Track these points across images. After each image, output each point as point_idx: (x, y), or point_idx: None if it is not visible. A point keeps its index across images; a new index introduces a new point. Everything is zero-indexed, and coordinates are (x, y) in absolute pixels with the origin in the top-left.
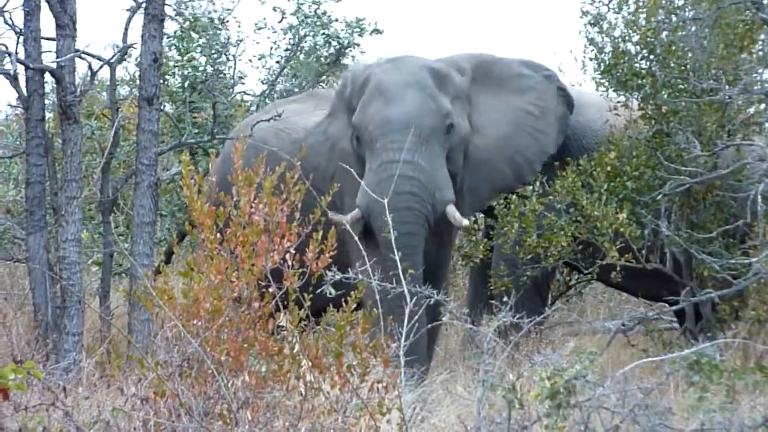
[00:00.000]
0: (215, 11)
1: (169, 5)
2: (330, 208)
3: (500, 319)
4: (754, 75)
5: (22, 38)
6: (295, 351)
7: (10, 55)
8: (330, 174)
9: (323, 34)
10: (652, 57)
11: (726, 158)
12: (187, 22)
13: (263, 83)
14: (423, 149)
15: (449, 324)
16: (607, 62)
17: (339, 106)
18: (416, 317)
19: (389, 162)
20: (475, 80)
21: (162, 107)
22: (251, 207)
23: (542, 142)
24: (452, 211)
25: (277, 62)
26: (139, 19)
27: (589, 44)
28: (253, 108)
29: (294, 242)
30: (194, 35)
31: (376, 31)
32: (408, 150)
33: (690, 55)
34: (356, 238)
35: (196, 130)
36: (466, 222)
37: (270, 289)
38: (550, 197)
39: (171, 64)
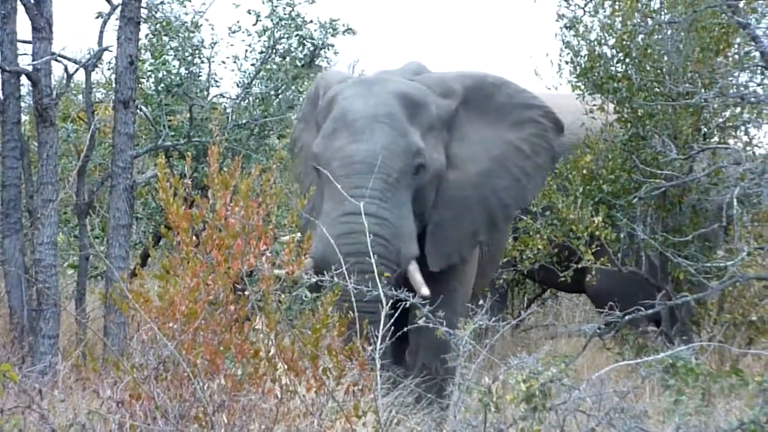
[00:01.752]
0: (187, 14)
1: (144, 8)
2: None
3: (476, 322)
4: (730, 78)
5: None
6: (270, 354)
7: None
8: (307, 179)
9: (297, 35)
10: (628, 60)
11: (701, 162)
12: (159, 25)
13: (238, 86)
14: (389, 196)
15: None
16: (583, 65)
17: (310, 113)
18: (392, 320)
19: (350, 213)
20: (467, 104)
21: (138, 110)
22: (227, 210)
23: (523, 186)
24: (413, 271)
25: (252, 65)
26: (114, 22)
27: (565, 47)
28: (229, 110)
29: (270, 245)
30: (166, 38)
31: (350, 31)
32: (371, 200)
33: (666, 58)
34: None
35: (172, 133)
36: (425, 291)
37: (246, 292)
38: None
39: (145, 67)
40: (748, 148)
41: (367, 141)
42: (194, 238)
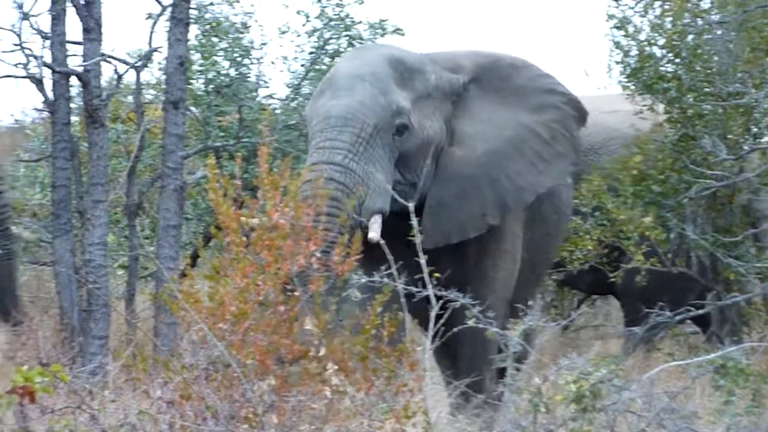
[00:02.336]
0: (236, 15)
1: (193, 9)
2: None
3: (526, 323)
4: None
5: (48, 42)
6: (320, 354)
7: (36, 58)
8: None
9: (347, 36)
10: (677, 60)
11: (752, 162)
12: (208, 26)
13: (288, 87)
14: (360, 149)
15: None
16: (633, 66)
17: None
18: (442, 321)
19: (318, 163)
20: (479, 82)
21: (187, 111)
22: (277, 210)
23: (539, 172)
24: (372, 222)
25: (302, 65)
26: (164, 23)
27: (615, 48)
28: (279, 111)
29: (320, 246)
30: (215, 39)
31: (399, 31)
32: (340, 150)
33: (716, 58)
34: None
35: (222, 134)
36: (374, 235)
37: (296, 293)
38: (576, 201)
39: (194, 68)
40: None
41: (345, 97)
42: (244, 238)
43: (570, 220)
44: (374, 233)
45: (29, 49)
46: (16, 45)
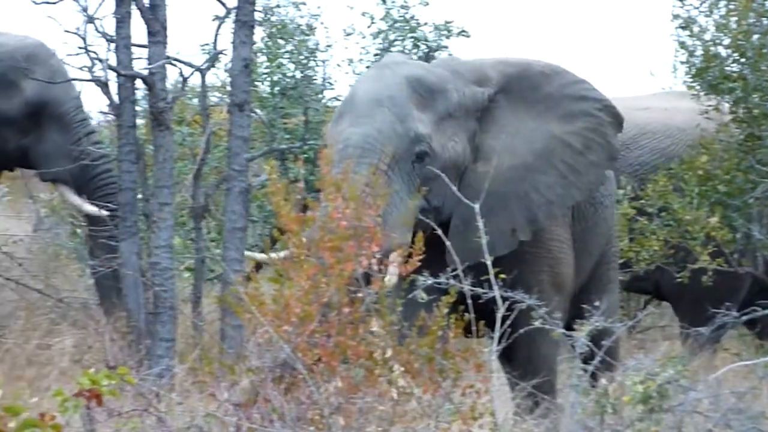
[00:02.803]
0: (302, 17)
1: (259, 11)
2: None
3: (592, 324)
4: None
5: (113, 45)
6: (386, 356)
7: (101, 62)
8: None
9: (412, 37)
10: (743, 60)
11: None
12: (274, 28)
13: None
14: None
15: None
16: (698, 66)
17: None
18: (508, 322)
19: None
20: (507, 93)
21: (253, 113)
22: (339, 212)
23: (570, 183)
24: (391, 260)
25: (367, 67)
26: (229, 25)
27: (680, 48)
28: None
29: (381, 247)
30: (281, 41)
31: (464, 33)
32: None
33: None
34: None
35: (287, 136)
36: (390, 278)
37: (359, 294)
38: (642, 201)
39: (260, 70)
40: None
41: (364, 125)
42: (305, 241)
43: (610, 210)
44: (391, 276)
45: (94, 53)
46: (81, 48)
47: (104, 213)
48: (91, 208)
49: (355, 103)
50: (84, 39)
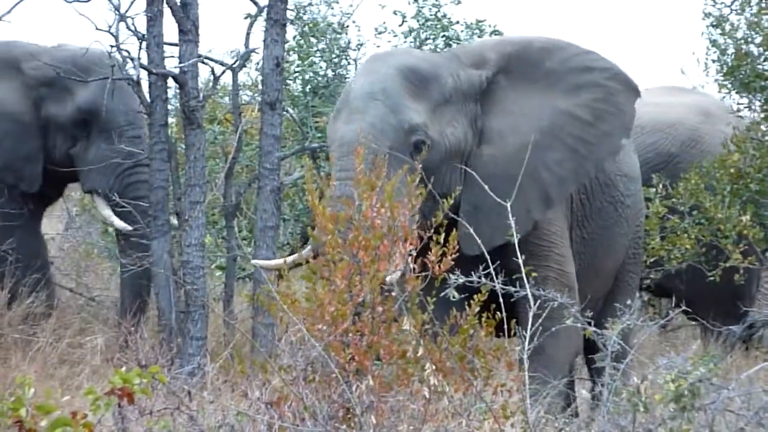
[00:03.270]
0: (334, 15)
1: (290, 9)
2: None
3: (623, 322)
4: None
5: (144, 44)
6: (418, 355)
7: (132, 60)
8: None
9: (444, 36)
10: None
11: None
12: (306, 27)
13: None
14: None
15: None
16: (730, 64)
17: None
18: (540, 321)
19: (336, 198)
20: (507, 72)
21: (284, 112)
22: (373, 211)
23: (583, 157)
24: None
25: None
26: (261, 23)
27: (712, 46)
28: None
29: (416, 246)
30: (313, 40)
31: (496, 32)
32: (350, 182)
33: None
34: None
35: (319, 135)
36: (392, 277)
37: (393, 293)
38: (673, 200)
39: (292, 68)
40: None
41: (358, 120)
42: (340, 240)
43: (635, 209)
44: (393, 275)
45: (126, 51)
46: (113, 46)
47: (129, 229)
48: (120, 224)
49: (349, 99)
50: (116, 37)
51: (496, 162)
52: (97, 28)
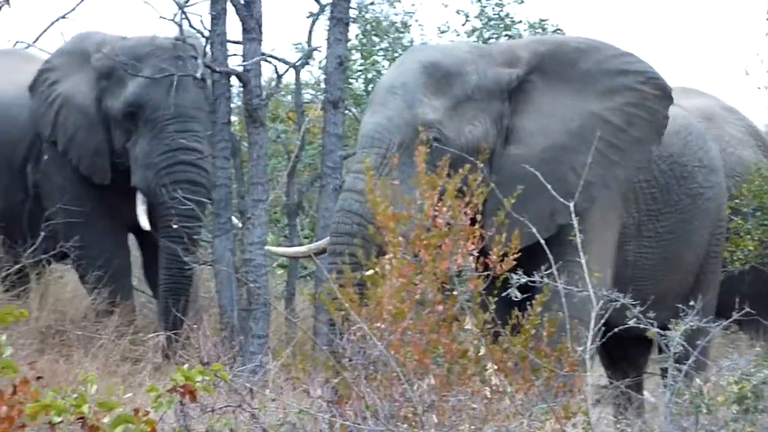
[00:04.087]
0: (396, 14)
1: (353, 8)
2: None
3: (687, 323)
4: None
5: (208, 42)
6: (479, 354)
7: (196, 58)
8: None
9: (506, 35)
10: None
11: None
12: (368, 26)
13: None
14: (384, 173)
15: None
16: None
17: None
18: (602, 321)
19: (346, 191)
20: (541, 72)
21: (347, 111)
22: (435, 210)
23: (613, 162)
24: None
25: None
26: (324, 22)
27: None
28: None
29: (477, 245)
30: (376, 39)
31: (559, 31)
32: (361, 174)
33: None
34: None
35: None
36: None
37: (454, 292)
38: (737, 201)
39: (354, 67)
40: None
41: (377, 113)
42: (401, 238)
43: (716, 202)
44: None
45: (192, 46)
46: (177, 39)
47: (148, 228)
48: (144, 223)
49: (375, 92)
50: (181, 27)
51: (524, 162)
52: (160, 16)
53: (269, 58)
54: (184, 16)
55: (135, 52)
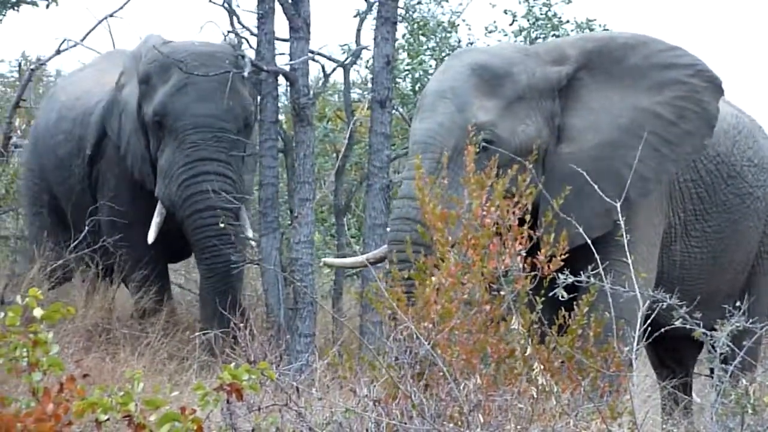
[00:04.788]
0: (444, 14)
1: (401, 8)
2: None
3: (733, 324)
4: None
5: (255, 40)
6: (526, 354)
7: (244, 57)
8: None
9: (554, 35)
10: None
11: None
12: (416, 25)
13: None
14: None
15: None
16: None
17: None
18: (649, 321)
19: (401, 198)
20: (590, 69)
21: (394, 110)
22: (483, 210)
23: (664, 156)
24: None
25: None
26: (371, 21)
27: None
28: None
29: (525, 245)
30: (423, 38)
31: (606, 31)
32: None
33: None
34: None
35: None
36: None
37: (501, 292)
38: None
39: (401, 67)
40: None
41: (427, 119)
42: (449, 238)
43: (764, 204)
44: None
45: (241, 40)
46: (226, 33)
47: (153, 239)
48: (151, 234)
49: (424, 97)
50: (234, 14)
51: (575, 160)
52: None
53: (317, 57)
54: (234, 15)
55: (176, 55)
